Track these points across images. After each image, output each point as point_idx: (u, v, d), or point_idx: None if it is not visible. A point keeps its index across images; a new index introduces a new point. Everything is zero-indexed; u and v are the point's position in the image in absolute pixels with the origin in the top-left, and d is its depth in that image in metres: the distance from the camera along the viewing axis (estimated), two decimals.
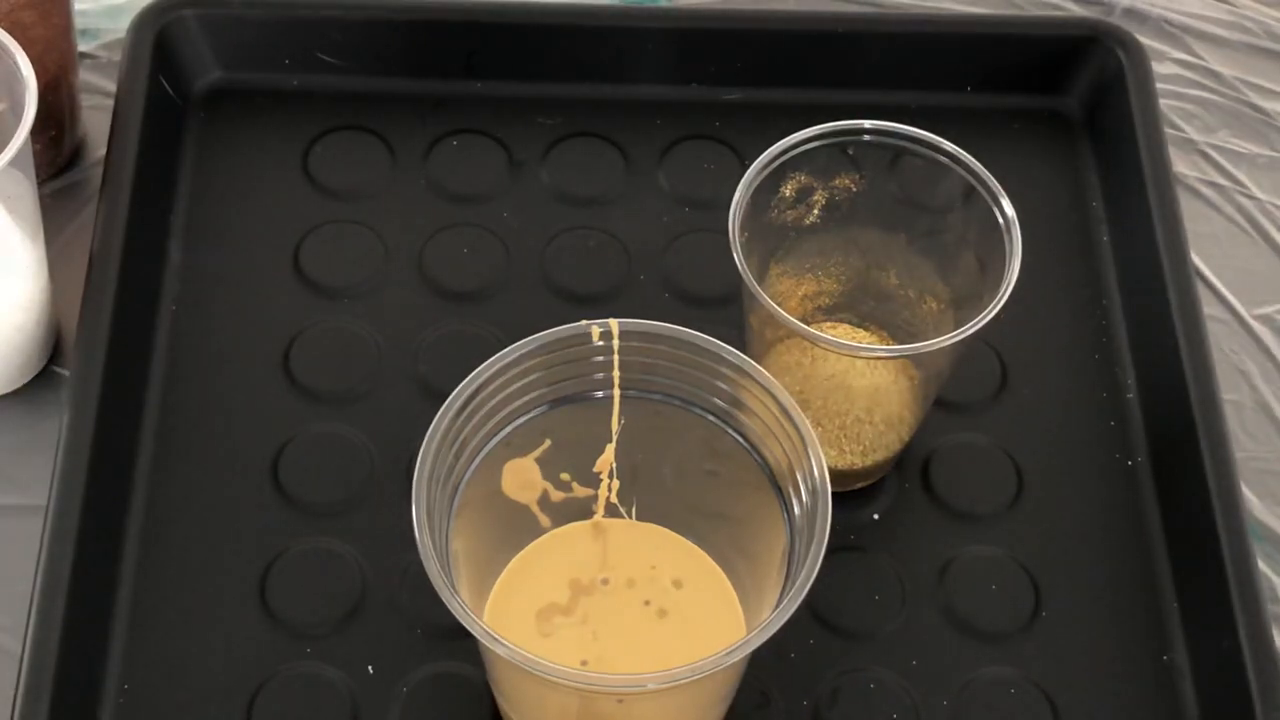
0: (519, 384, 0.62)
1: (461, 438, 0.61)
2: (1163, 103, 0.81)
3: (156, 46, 0.79)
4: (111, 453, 0.70)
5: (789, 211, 0.69)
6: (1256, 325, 0.79)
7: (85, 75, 0.82)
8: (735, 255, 0.64)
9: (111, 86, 0.81)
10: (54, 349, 0.75)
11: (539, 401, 0.63)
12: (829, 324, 0.73)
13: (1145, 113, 0.79)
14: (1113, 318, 0.77)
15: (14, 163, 0.66)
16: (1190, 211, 0.79)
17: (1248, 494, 0.73)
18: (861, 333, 0.73)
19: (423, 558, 0.57)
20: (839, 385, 0.68)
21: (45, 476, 0.69)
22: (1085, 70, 0.81)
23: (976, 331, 0.64)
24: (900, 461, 0.72)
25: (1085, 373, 0.76)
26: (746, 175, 0.66)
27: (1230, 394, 0.75)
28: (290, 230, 0.78)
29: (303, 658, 0.67)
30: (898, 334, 0.72)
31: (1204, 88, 0.86)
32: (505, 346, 0.61)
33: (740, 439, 0.63)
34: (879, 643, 0.69)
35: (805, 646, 0.68)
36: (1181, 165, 0.82)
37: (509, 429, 0.63)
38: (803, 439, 0.60)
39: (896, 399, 0.69)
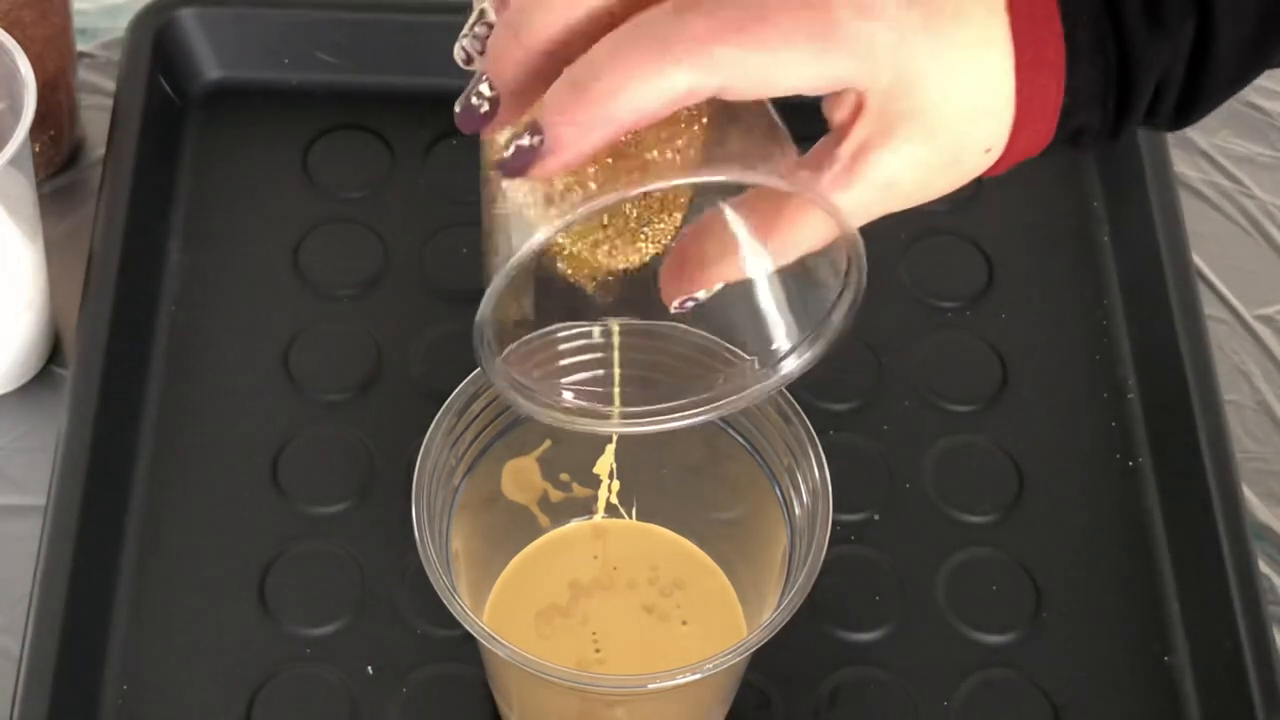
0: None
1: (461, 438, 0.61)
2: None
3: (155, 46, 0.79)
4: (111, 453, 0.69)
5: None
6: (1257, 325, 0.78)
7: (84, 75, 0.82)
8: None
9: (111, 86, 0.81)
10: (53, 349, 0.75)
11: None
12: None
13: None
14: (1113, 318, 0.77)
15: (13, 162, 0.66)
16: (1191, 211, 0.79)
17: (1248, 494, 0.72)
18: None
19: (422, 558, 0.57)
20: None
21: (45, 476, 0.69)
22: None
23: None
24: (900, 462, 0.72)
25: (1085, 373, 0.75)
26: None
27: (1231, 394, 0.75)
28: (290, 230, 0.78)
29: (303, 658, 0.67)
30: None
31: None
32: None
33: (740, 439, 0.63)
34: (879, 643, 0.69)
35: (805, 646, 0.68)
36: (1183, 165, 0.82)
37: (509, 429, 0.63)
38: (803, 439, 0.60)
39: None
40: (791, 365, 0.54)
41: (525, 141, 0.46)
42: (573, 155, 0.46)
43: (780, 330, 0.55)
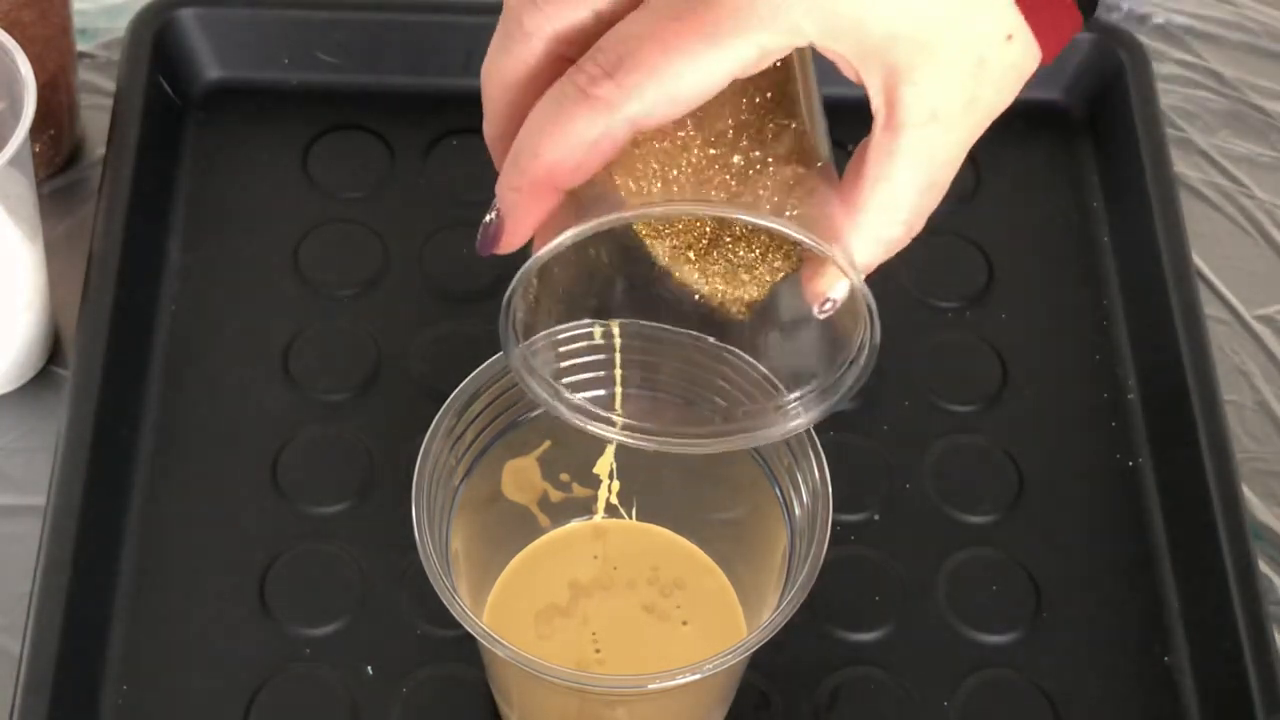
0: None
1: (461, 438, 0.61)
2: (1164, 103, 0.81)
3: (155, 46, 0.79)
4: (111, 453, 0.69)
5: None
6: (1257, 325, 0.78)
7: (84, 74, 0.82)
8: None
9: (110, 86, 0.80)
10: (53, 349, 0.75)
11: None
12: None
13: (1146, 113, 0.79)
14: (1113, 318, 0.77)
15: (13, 162, 0.66)
16: (1191, 212, 0.79)
17: (1248, 494, 0.72)
18: None
19: (422, 558, 0.57)
20: None
21: (45, 476, 0.68)
22: (1087, 70, 0.81)
23: None
24: (900, 462, 0.72)
25: (1085, 373, 0.75)
26: None
27: (1231, 394, 0.75)
28: (290, 230, 0.78)
29: (303, 658, 0.67)
30: None
31: (1205, 88, 0.85)
32: None
33: None
34: (879, 643, 0.69)
35: (805, 646, 0.68)
36: (1183, 166, 0.82)
37: (509, 429, 0.63)
38: (803, 439, 0.60)
39: None
40: (796, 420, 0.56)
41: (487, 219, 0.51)
42: (521, 220, 0.50)
43: (801, 377, 0.57)
